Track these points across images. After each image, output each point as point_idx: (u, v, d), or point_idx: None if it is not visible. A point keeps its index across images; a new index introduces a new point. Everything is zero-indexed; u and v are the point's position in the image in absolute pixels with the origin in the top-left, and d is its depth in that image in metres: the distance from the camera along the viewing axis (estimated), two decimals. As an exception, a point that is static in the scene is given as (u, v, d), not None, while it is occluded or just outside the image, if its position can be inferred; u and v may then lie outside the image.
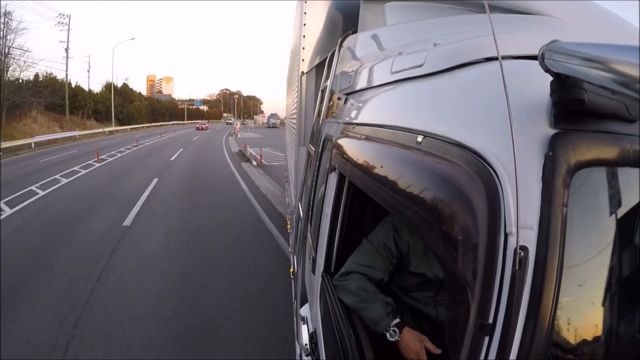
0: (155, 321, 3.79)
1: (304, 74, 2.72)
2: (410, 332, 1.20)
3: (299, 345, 1.78)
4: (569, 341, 0.57)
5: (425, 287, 1.38)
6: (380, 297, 1.28)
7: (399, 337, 1.19)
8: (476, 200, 0.60)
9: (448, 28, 1.39)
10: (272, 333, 3.60)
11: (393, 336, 1.19)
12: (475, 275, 0.58)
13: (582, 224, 0.58)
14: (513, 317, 0.53)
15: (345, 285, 1.32)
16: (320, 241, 1.57)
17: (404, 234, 1.38)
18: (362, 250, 1.41)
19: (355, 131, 1.33)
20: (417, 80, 1.03)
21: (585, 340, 0.58)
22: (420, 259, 1.37)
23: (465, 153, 0.65)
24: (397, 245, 1.38)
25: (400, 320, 1.22)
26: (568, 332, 0.57)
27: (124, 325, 3.70)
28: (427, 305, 1.38)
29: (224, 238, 6.23)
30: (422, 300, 1.39)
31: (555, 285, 0.53)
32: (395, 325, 1.20)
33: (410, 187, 0.81)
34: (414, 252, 1.38)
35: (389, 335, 1.20)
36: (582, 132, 0.57)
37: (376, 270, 1.36)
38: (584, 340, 0.58)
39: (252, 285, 4.55)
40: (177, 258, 5.39)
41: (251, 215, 7.58)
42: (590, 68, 0.47)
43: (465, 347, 0.59)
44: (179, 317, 3.85)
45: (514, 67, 0.70)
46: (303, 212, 2.02)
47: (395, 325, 1.20)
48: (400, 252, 1.39)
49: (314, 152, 1.91)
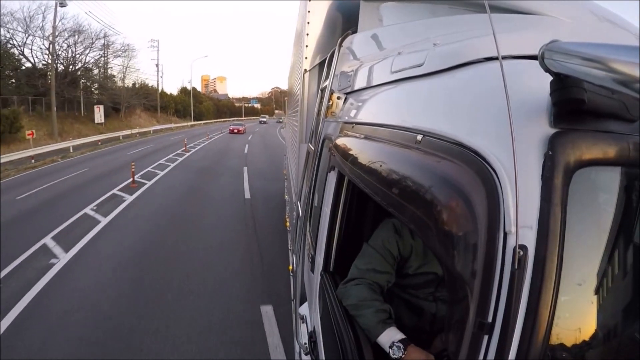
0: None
1: (306, 72, 2.73)
2: (416, 350, 1.09)
3: (298, 343, 1.78)
4: (567, 340, 0.57)
5: (425, 285, 1.37)
6: (374, 305, 1.22)
7: (403, 354, 1.08)
8: (476, 199, 0.60)
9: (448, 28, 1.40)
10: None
11: (396, 353, 1.08)
12: (475, 274, 0.59)
13: (582, 223, 0.58)
14: (512, 316, 0.53)
15: (345, 292, 1.30)
16: (319, 240, 1.57)
17: (406, 238, 1.35)
18: (364, 255, 1.38)
19: (355, 130, 1.33)
20: (416, 80, 1.04)
21: (584, 340, 0.59)
22: (421, 259, 1.35)
23: (464, 152, 0.65)
24: (399, 250, 1.35)
25: (404, 337, 1.13)
26: (567, 331, 0.57)
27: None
28: (425, 300, 1.37)
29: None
30: (421, 296, 1.38)
31: (554, 284, 0.53)
32: (400, 341, 1.10)
33: (409, 186, 0.81)
34: (415, 255, 1.36)
35: (392, 352, 1.09)
36: (581, 132, 0.57)
37: (380, 274, 1.32)
38: (582, 339, 0.58)
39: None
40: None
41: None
42: (590, 68, 0.47)
43: (465, 346, 0.59)
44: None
45: (514, 66, 0.70)
46: (302, 211, 2.02)
47: (400, 342, 1.10)
48: (402, 256, 1.36)
49: (314, 151, 1.91)
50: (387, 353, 1.10)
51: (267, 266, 5.15)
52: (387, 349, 1.11)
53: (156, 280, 4.71)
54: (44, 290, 4.40)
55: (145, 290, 4.43)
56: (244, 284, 4.63)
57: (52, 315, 3.86)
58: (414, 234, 1.36)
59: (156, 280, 4.69)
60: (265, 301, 4.19)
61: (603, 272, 0.60)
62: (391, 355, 1.09)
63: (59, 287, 4.52)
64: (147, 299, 4.25)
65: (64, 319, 3.80)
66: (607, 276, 0.60)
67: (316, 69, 2.74)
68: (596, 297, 0.59)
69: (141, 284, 4.60)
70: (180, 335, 3.57)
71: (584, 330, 0.58)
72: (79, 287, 4.51)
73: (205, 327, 3.71)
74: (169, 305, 4.12)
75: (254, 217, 7.45)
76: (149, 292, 4.41)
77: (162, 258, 5.43)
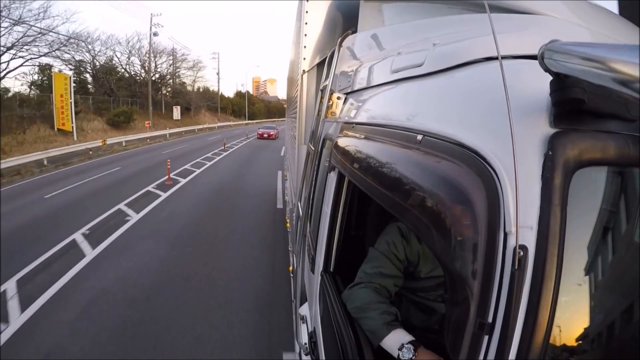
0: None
1: (305, 72, 2.73)
2: (426, 352, 1.06)
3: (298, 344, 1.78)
4: (568, 340, 0.57)
5: (436, 287, 1.36)
6: (380, 307, 1.18)
7: (413, 355, 1.05)
8: (476, 199, 0.60)
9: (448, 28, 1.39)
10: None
11: (406, 355, 1.05)
12: (475, 274, 0.58)
13: (582, 224, 0.58)
14: (512, 316, 0.53)
15: (350, 296, 1.28)
16: (319, 240, 1.57)
17: (413, 242, 1.32)
18: (370, 259, 1.35)
19: (355, 130, 1.33)
20: (416, 80, 1.03)
21: (585, 340, 0.59)
22: (430, 264, 1.33)
23: (464, 152, 0.65)
24: (406, 254, 1.32)
25: (414, 339, 1.10)
26: (567, 331, 0.57)
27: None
28: (435, 301, 1.36)
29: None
30: (431, 297, 1.37)
31: (554, 284, 0.53)
32: (410, 342, 1.07)
33: (409, 187, 0.81)
34: (424, 259, 1.33)
35: (401, 353, 1.06)
36: (581, 132, 0.57)
37: (388, 277, 1.29)
38: (583, 340, 0.58)
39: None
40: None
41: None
42: (590, 68, 0.47)
43: (465, 346, 0.59)
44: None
45: (513, 66, 0.70)
46: (302, 211, 2.02)
47: (410, 343, 1.07)
48: (409, 260, 1.33)
49: (314, 152, 1.91)
50: (394, 355, 1.07)
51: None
52: (394, 352, 1.08)
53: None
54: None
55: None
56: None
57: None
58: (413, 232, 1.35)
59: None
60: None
61: (603, 272, 0.60)
62: (400, 357, 1.06)
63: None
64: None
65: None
66: (607, 276, 0.60)
67: (315, 69, 2.74)
68: (596, 298, 0.59)
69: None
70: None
71: (584, 331, 0.58)
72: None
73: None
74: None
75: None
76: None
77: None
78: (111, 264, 5.17)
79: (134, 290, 4.43)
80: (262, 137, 25.97)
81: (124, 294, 4.34)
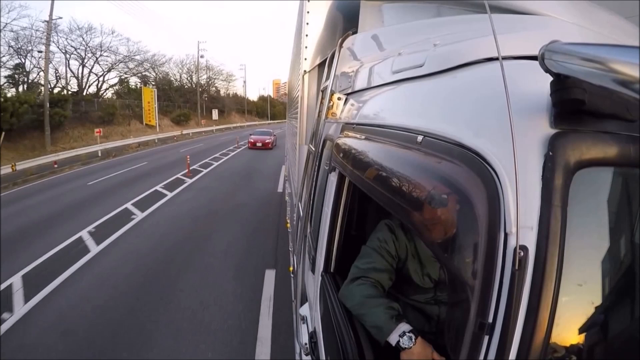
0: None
1: (306, 73, 2.74)
2: (423, 343, 1.10)
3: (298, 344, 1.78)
4: (568, 341, 0.57)
5: (424, 290, 1.37)
6: (383, 302, 1.20)
7: (413, 344, 1.08)
8: (476, 200, 0.60)
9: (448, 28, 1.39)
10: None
11: (406, 343, 1.09)
12: (475, 274, 0.59)
13: (582, 224, 0.58)
14: (513, 317, 0.53)
15: (348, 292, 1.28)
16: (319, 240, 1.57)
17: (401, 238, 1.35)
18: (363, 255, 1.38)
19: (356, 131, 1.33)
20: (417, 81, 1.04)
21: (585, 340, 0.58)
22: (418, 263, 1.35)
23: (465, 153, 0.65)
24: (396, 249, 1.35)
25: (413, 328, 1.13)
26: (567, 331, 0.57)
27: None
28: (427, 304, 1.37)
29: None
30: (422, 300, 1.38)
31: (554, 284, 0.53)
32: (411, 331, 1.10)
33: (410, 187, 0.81)
34: (412, 257, 1.36)
35: (402, 341, 1.09)
36: (582, 132, 0.57)
37: (381, 272, 1.31)
38: (583, 340, 0.58)
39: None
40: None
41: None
42: (590, 68, 0.47)
43: (465, 346, 0.59)
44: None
45: (514, 67, 0.70)
46: (303, 212, 2.02)
47: (412, 332, 1.10)
48: (399, 256, 1.36)
49: (314, 152, 1.91)
50: (394, 346, 1.09)
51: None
52: (394, 341, 1.10)
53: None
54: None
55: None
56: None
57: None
58: (410, 236, 1.36)
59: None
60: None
61: (603, 272, 0.60)
62: (401, 344, 1.09)
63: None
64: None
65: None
66: (607, 277, 0.60)
67: (316, 69, 2.74)
68: (596, 298, 0.59)
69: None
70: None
71: (584, 331, 0.58)
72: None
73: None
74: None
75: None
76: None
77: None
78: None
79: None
80: (254, 147, 21.02)
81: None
